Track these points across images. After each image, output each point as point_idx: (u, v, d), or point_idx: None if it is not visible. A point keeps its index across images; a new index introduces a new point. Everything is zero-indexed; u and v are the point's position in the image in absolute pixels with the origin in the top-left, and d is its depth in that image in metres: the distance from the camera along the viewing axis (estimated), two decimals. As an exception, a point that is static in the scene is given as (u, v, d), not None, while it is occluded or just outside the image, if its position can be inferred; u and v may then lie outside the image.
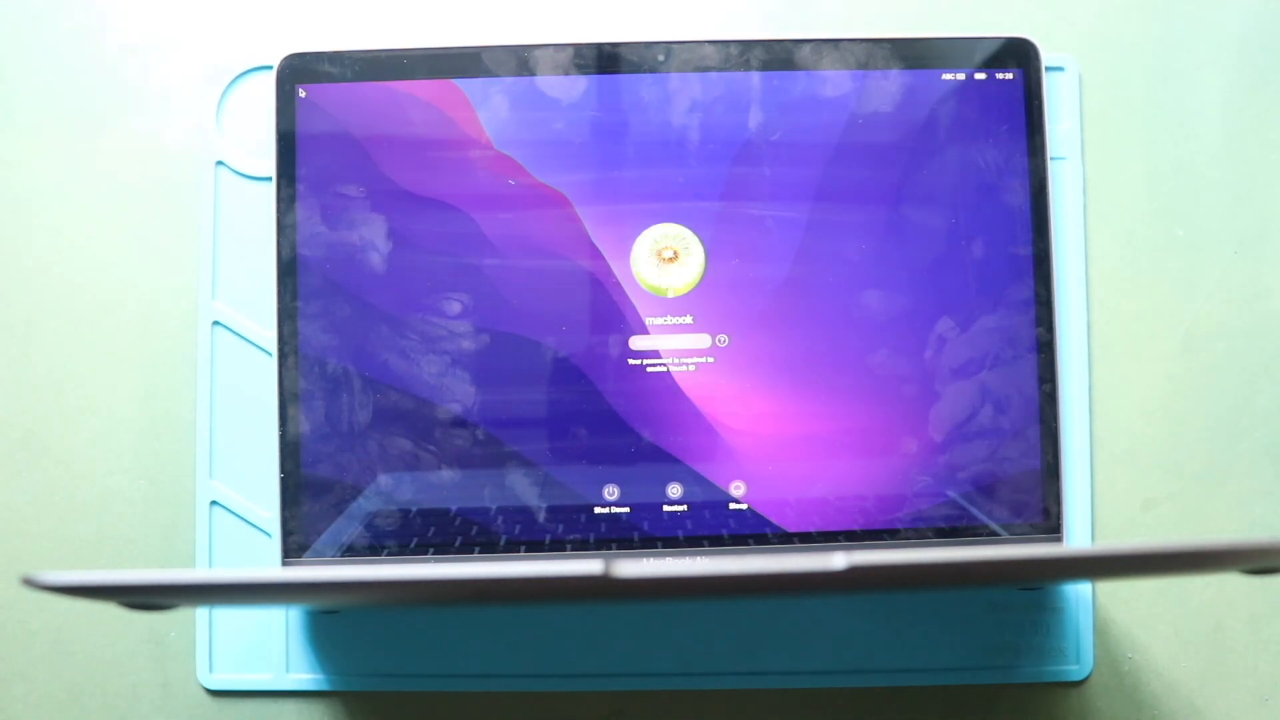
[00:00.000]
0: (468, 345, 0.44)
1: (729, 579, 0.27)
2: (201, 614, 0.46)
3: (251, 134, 0.47)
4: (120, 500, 0.47)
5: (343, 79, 0.44)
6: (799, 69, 0.45)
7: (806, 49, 0.45)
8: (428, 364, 0.44)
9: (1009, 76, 0.45)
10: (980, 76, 0.45)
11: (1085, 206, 0.48)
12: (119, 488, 0.47)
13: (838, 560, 0.26)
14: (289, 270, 0.44)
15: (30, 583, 0.28)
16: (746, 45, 0.45)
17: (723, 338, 0.45)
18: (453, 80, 0.45)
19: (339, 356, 0.44)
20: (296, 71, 0.44)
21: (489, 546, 0.43)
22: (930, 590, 0.45)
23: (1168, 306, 0.49)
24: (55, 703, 0.47)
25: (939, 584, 0.42)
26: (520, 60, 0.45)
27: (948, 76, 0.45)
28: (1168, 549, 0.29)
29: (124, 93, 0.48)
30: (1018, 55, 0.45)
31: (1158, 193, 0.49)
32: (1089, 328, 0.48)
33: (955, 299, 0.45)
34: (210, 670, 0.46)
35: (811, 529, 0.44)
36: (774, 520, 0.44)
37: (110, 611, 0.47)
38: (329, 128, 0.44)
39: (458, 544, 0.43)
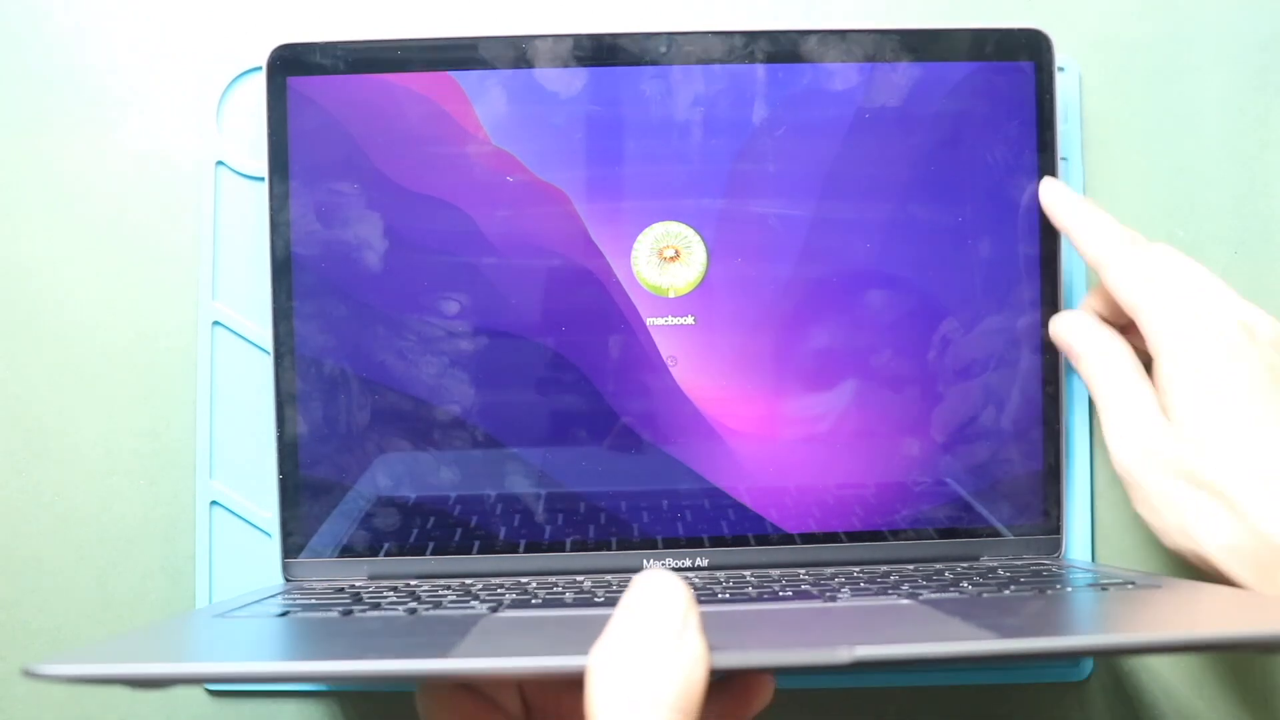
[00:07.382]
0: (466, 345, 0.44)
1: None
2: (201, 614, 0.46)
3: (251, 134, 0.47)
4: (120, 500, 0.47)
5: (335, 71, 0.44)
6: (805, 61, 0.44)
7: (813, 40, 0.44)
8: (425, 364, 0.44)
9: (1019, 70, 0.44)
10: (990, 69, 0.44)
11: (1085, 207, 0.48)
12: (119, 488, 0.47)
13: (842, 654, 0.26)
14: (283, 269, 0.44)
15: (31, 674, 0.25)
16: (751, 36, 0.44)
17: (725, 338, 0.44)
18: (449, 73, 0.44)
19: (336, 357, 0.44)
20: (287, 64, 0.44)
21: (488, 547, 0.43)
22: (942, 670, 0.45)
23: (1168, 307, 0.49)
24: (55, 702, 0.47)
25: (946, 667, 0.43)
26: (518, 52, 0.44)
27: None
28: (1202, 639, 0.28)
29: (124, 93, 0.48)
30: (1029, 47, 0.45)
31: (1158, 193, 0.49)
32: (1089, 328, 0.48)
33: (960, 299, 0.44)
34: (210, 670, 0.46)
35: (811, 529, 0.44)
36: (774, 521, 0.44)
37: (109, 611, 0.47)
38: (322, 122, 0.44)
39: (457, 544, 0.43)
